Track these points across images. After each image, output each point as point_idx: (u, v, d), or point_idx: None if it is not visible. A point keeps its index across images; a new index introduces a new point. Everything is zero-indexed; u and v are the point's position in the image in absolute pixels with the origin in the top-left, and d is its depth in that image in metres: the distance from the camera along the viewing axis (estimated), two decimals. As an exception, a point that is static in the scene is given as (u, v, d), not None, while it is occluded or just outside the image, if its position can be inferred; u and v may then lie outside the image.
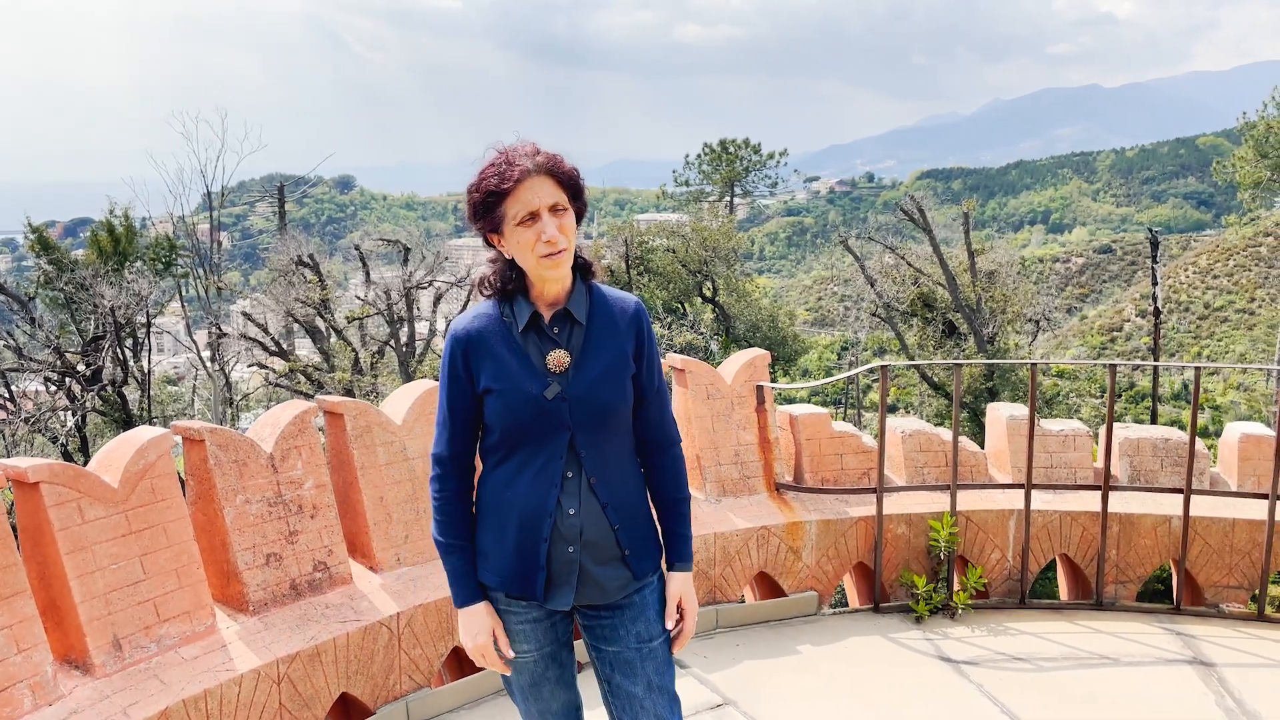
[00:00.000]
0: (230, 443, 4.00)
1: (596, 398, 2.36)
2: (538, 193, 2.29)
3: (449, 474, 2.48)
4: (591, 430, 2.37)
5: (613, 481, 2.42)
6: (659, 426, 2.53)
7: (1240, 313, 66.59)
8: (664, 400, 2.55)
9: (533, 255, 2.32)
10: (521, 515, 2.40)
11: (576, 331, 2.40)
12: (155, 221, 35.41)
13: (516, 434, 2.39)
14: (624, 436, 2.47)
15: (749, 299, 31.65)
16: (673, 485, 2.55)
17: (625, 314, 2.46)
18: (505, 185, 2.29)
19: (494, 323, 2.42)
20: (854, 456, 5.61)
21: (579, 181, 2.38)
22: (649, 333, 2.49)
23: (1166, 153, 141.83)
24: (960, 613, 5.32)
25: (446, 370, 2.46)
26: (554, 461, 2.37)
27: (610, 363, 2.39)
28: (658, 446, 2.54)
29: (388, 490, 4.48)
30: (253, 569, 4.00)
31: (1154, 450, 5.67)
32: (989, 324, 28.05)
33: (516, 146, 2.32)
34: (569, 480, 2.38)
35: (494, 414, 2.40)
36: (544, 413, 2.35)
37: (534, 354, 2.38)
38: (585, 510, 2.39)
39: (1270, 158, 37.91)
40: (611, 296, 2.48)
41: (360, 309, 24.84)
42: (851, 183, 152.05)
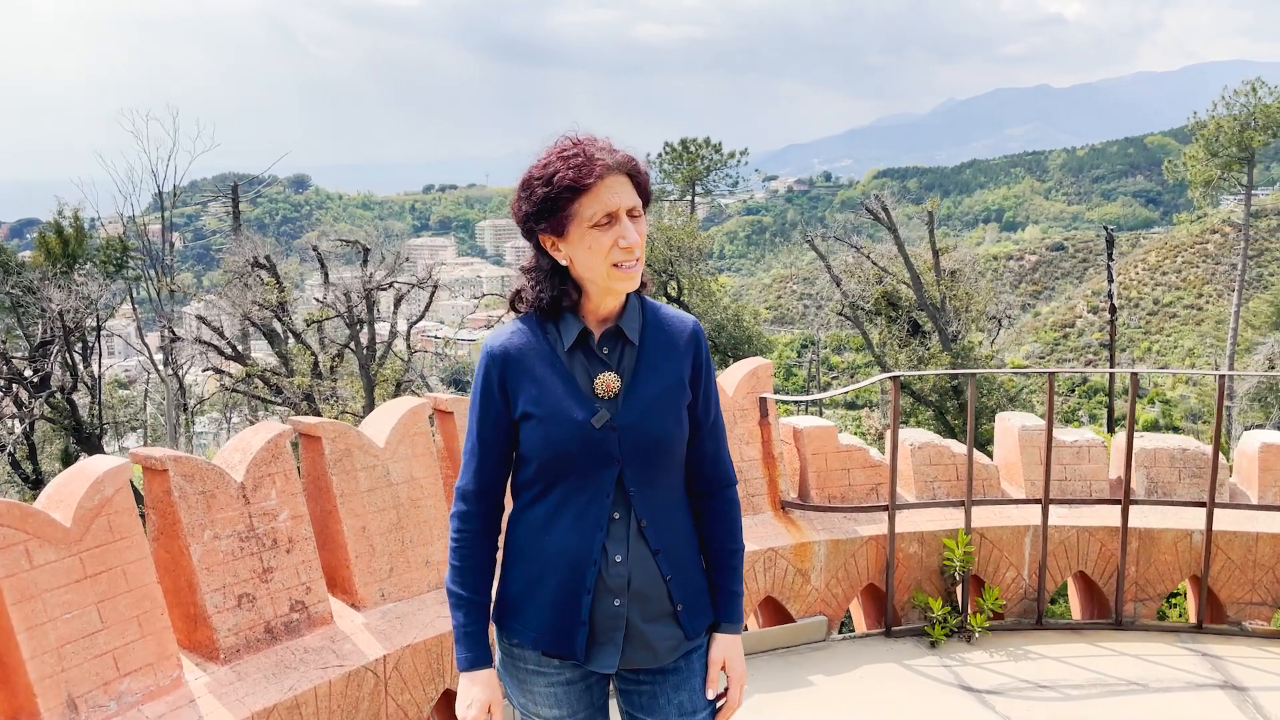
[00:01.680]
0: (196, 472, 3.59)
1: (649, 428, 2.07)
2: (619, 193, 2.00)
3: (473, 512, 2.16)
4: (643, 465, 2.07)
5: (664, 525, 2.12)
6: (715, 463, 2.23)
7: (1189, 308, 67.80)
8: (720, 434, 2.25)
9: (605, 263, 2.01)
10: (561, 561, 2.08)
11: (628, 352, 2.11)
12: (105, 222, 34.44)
13: (557, 467, 2.07)
14: (677, 474, 2.17)
15: (713, 298, 31.47)
16: (727, 533, 2.24)
17: (683, 334, 2.16)
18: (586, 180, 1.97)
19: (535, 339, 2.11)
20: (862, 471, 5.32)
21: (650, 190, 2.10)
22: (707, 357, 2.20)
23: (1115, 152, 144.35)
24: (977, 636, 5.05)
25: (480, 391, 2.14)
26: (599, 500, 2.07)
27: (665, 389, 2.10)
28: (713, 487, 2.24)
29: (370, 519, 4.09)
30: (223, 612, 3.60)
31: (1171, 461, 5.44)
32: (953, 322, 28.08)
33: (590, 138, 2.03)
34: (615, 522, 2.08)
35: (532, 443, 2.08)
36: (590, 443, 2.04)
37: (580, 376, 2.09)
38: (634, 557, 2.08)
39: (1220, 156, 38.53)
40: (667, 315, 2.18)
41: (319, 311, 24.22)
42: (809, 182, 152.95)
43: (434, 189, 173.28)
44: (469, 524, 2.15)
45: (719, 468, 2.24)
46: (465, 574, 2.15)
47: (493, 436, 2.13)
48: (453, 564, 2.16)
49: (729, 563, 2.23)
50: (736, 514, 2.25)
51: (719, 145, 52.92)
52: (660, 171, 53.52)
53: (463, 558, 2.15)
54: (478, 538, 2.16)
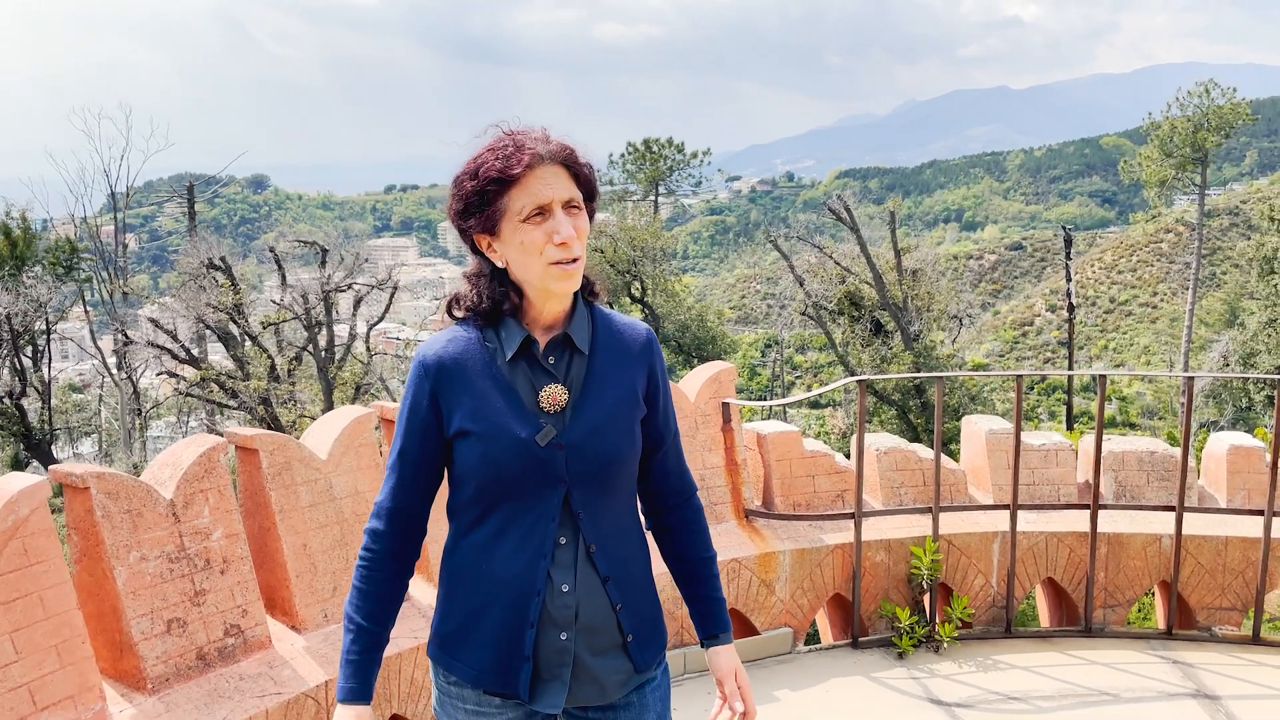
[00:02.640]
0: (121, 489, 3.36)
1: (600, 445, 1.90)
2: (551, 184, 1.83)
3: (386, 531, 1.96)
4: (592, 485, 1.91)
5: (614, 550, 1.95)
6: (679, 475, 2.13)
7: (1144, 306, 68.82)
8: (679, 447, 2.13)
9: (540, 261, 1.83)
10: (503, 592, 1.90)
11: (577, 363, 1.94)
12: (57, 223, 33.64)
13: (498, 489, 1.89)
14: (627, 494, 2.01)
15: (677, 298, 31.39)
16: (702, 543, 2.13)
17: (636, 343, 2.01)
18: (512, 171, 1.80)
19: (474, 348, 1.92)
20: (827, 478, 5.17)
21: (595, 182, 1.92)
22: (663, 367, 2.06)
23: (1072, 152, 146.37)
24: (945, 646, 4.92)
25: (409, 404, 1.95)
26: (544, 524, 1.89)
27: (618, 402, 1.94)
28: (678, 499, 2.13)
29: (312, 536, 3.88)
30: (150, 639, 3.37)
31: (1139, 464, 5.35)
32: (915, 321, 28.19)
33: (524, 129, 1.87)
34: (561, 548, 1.90)
35: (469, 463, 1.89)
36: (534, 463, 1.87)
37: (523, 389, 1.91)
38: (582, 586, 1.91)
39: (1174, 157, 39.12)
40: (619, 322, 2.02)
41: (276, 313, 23.76)
42: (772, 182, 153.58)
43: (395, 189, 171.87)
44: (379, 544, 1.96)
45: (684, 479, 2.14)
46: (365, 599, 1.95)
47: (418, 453, 1.95)
48: (355, 584, 1.97)
49: (708, 571, 2.13)
50: (705, 521, 2.16)
51: (681, 145, 52.89)
52: (623, 172, 53.39)
53: (366, 579, 1.96)
54: (387, 560, 1.96)
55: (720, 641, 2.11)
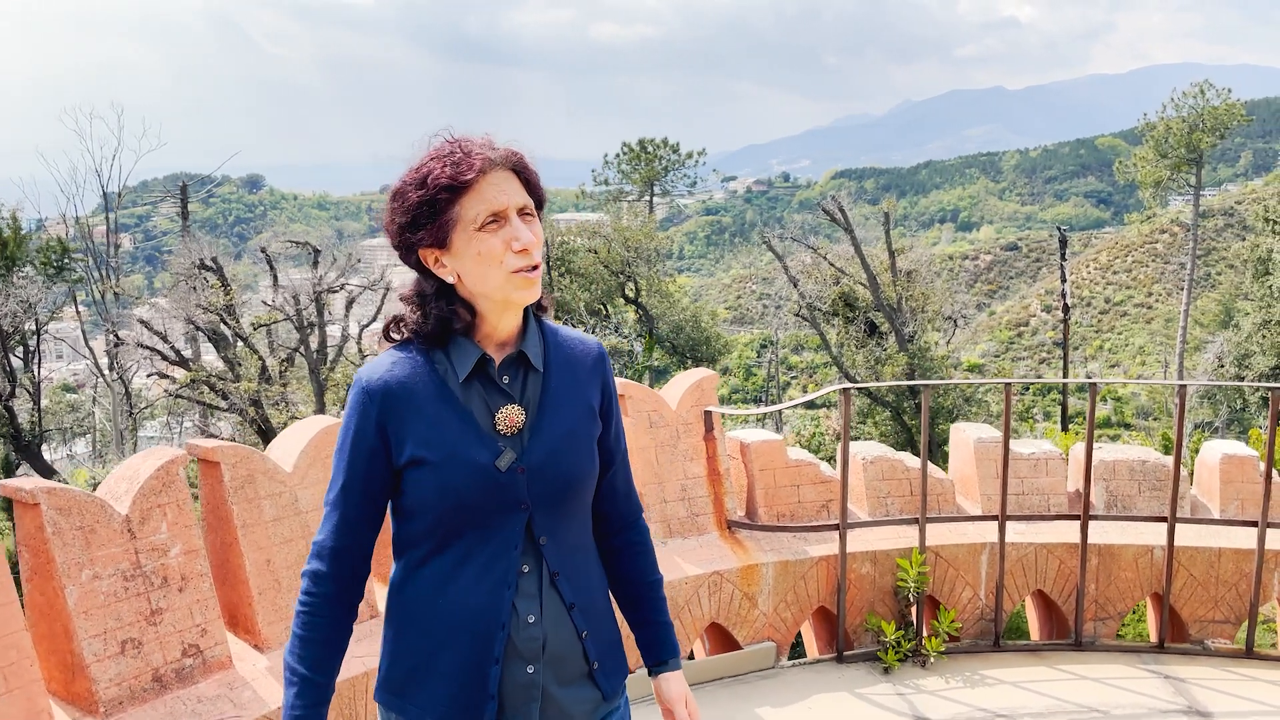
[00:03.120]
0: (73, 505, 3.23)
1: (562, 466, 1.81)
2: (505, 190, 1.74)
3: (329, 574, 1.81)
4: (554, 509, 1.81)
5: (577, 575, 1.86)
6: (626, 496, 2.04)
7: (1139, 307, 68.83)
8: (628, 466, 2.06)
9: (500, 270, 1.72)
10: (463, 628, 1.77)
11: (532, 381, 1.84)
12: (50, 223, 33.47)
13: (456, 519, 1.76)
14: (585, 516, 1.92)
15: (671, 299, 31.27)
16: (649, 565, 2.05)
17: (588, 357, 1.93)
18: (464, 177, 1.70)
19: (421, 371, 1.79)
20: (812, 488, 5.06)
21: (542, 189, 1.83)
22: (613, 383, 1.97)
23: (1068, 153, 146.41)
24: (932, 661, 4.81)
25: (352, 434, 1.79)
26: (506, 553, 1.78)
27: (576, 420, 1.86)
28: (626, 521, 2.03)
29: (276, 552, 3.75)
30: (103, 660, 3.24)
31: (1131, 473, 5.24)
32: (909, 323, 28.09)
33: (468, 136, 1.77)
34: (525, 576, 1.79)
35: (424, 493, 1.76)
36: (496, 489, 1.75)
37: (479, 411, 1.79)
38: (549, 616, 1.80)
39: (1169, 157, 39.07)
40: (568, 336, 1.93)
41: (267, 314, 23.62)
42: (768, 182, 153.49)
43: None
44: (322, 587, 1.81)
45: (631, 500, 2.05)
46: (307, 646, 1.80)
47: (364, 487, 1.81)
48: (295, 632, 1.81)
49: (656, 595, 2.05)
50: (651, 543, 2.09)
51: (676, 145, 52.79)
52: (618, 172, 53.30)
53: (307, 626, 1.80)
54: (330, 604, 1.81)
55: (670, 668, 2.02)
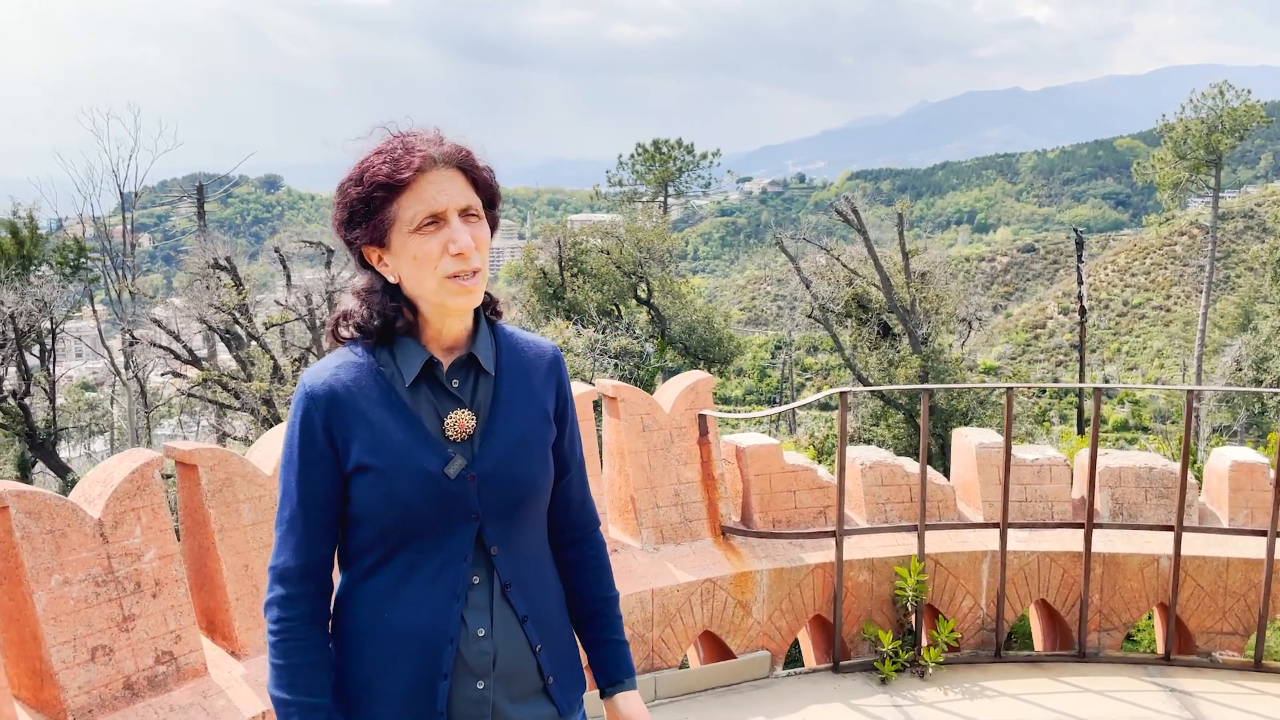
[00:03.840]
0: (43, 508, 3.17)
1: (514, 474, 1.74)
2: (445, 189, 1.64)
3: (298, 595, 1.71)
4: (506, 518, 1.74)
5: (531, 586, 1.79)
6: (581, 506, 1.95)
7: (1157, 309, 68.27)
8: (584, 475, 1.97)
9: (435, 274, 1.63)
10: (411, 642, 1.69)
11: (483, 385, 1.77)
12: (70, 223, 33.67)
13: (403, 529, 1.68)
14: (540, 525, 1.85)
15: (684, 300, 31.15)
16: (604, 581, 1.96)
17: (542, 360, 1.85)
18: (401, 175, 1.61)
19: (367, 374, 1.71)
20: (809, 493, 4.95)
21: (495, 187, 1.74)
22: (569, 388, 1.89)
23: (1086, 154, 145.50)
24: (931, 671, 4.70)
25: (298, 443, 1.70)
26: (455, 564, 1.70)
27: (529, 426, 1.79)
28: (581, 532, 1.95)
29: (255, 556, 3.68)
30: (73, 668, 3.17)
31: (1137, 480, 5.11)
32: (923, 324, 27.88)
33: (415, 130, 1.68)
34: (475, 588, 1.72)
35: (369, 502, 1.68)
36: (445, 498, 1.68)
37: (427, 416, 1.71)
38: (499, 629, 1.72)
39: (1188, 159, 38.69)
40: (522, 340, 1.86)
41: (280, 314, 23.66)
42: (783, 183, 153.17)
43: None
44: (293, 610, 1.71)
45: (587, 510, 1.96)
46: (295, 674, 1.70)
47: (320, 499, 1.70)
48: (274, 664, 1.71)
49: (611, 611, 1.95)
50: (607, 558, 1.99)
51: (691, 146, 52.69)
52: (632, 173, 53.25)
53: (289, 654, 1.70)
54: (306, 627, 1.72)
55: (625, 688, 1.93)
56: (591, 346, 22.54)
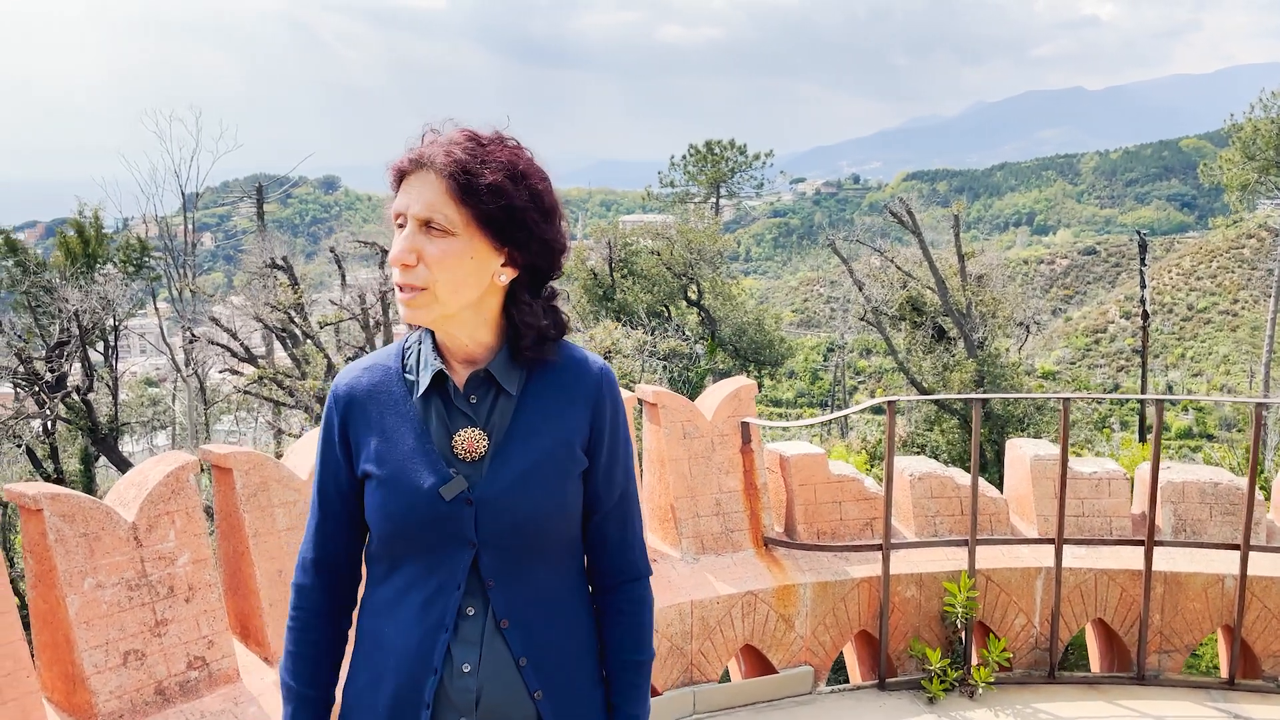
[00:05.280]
0: (77, 511, 3.16)
1: (517, 503, 1.60)
2: (413, 194, 1.55)
3: (313, 585, 1.73)
4: (507, 550, 1.61)
5: (537, 627, 1.64)
6: (621, 550, 1.75)
7: (1224, 314, 66.42)
8: (631, 514, 1.77)
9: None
10: (400, 662, 1.62)
11: (503, 404, 1.65)
12: (135, 223, 34.50)
13: (397, 545, 1.63)
14: (560, 562, 1.69)
15: (735, 301, 30.97)
16: (631, 640, 1.74)
17: (582, 382, 1.69)
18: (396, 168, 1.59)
19: (390, 379, 1.67)
20: (855, 505, 4.81)
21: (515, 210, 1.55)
22: (615, 412, 1.72)
23: (1149, 155, 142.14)
24: (980, 691, 4.53)
25: (321, 440, 1.72)
26: (447, 591, 1.61)
27: (546, 453, 1.64)
28: (614, 579, 1.76)
29: (288, 562, 3.65)
30: (104, 672, 3.16)
31: (1201, 496, 4.89)
32: (979, 328, 27.38)
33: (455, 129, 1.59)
34: (467, 620, 1.61)
35: (370, 511, 1.64)
36: (436, 519, 1.59)
37: (436, 430, 1.63)
38: (488, 667, 1.61)
39: (1257, 160, 37.50)
40: (567, 358, 1.70)
41: (334, 314, 23.95)
42: (837, 184, 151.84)
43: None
44: (306, 600, 1.73)
45: (627, 556, 1.76)
46: (299, 661, 1.72)
47: (334, 495, 1.70)
48: (286, 648, 1.74)
49: (631, 678, 1.74)
50: (646, 616, 1.77)
51: (743, 147, 52.44)
52: (684, 174, 53.09)
53: (297, 641, 1.72)
54: (316, 618, 1.73)
55: None
56: (640, 348, 22.46)
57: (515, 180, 1.55)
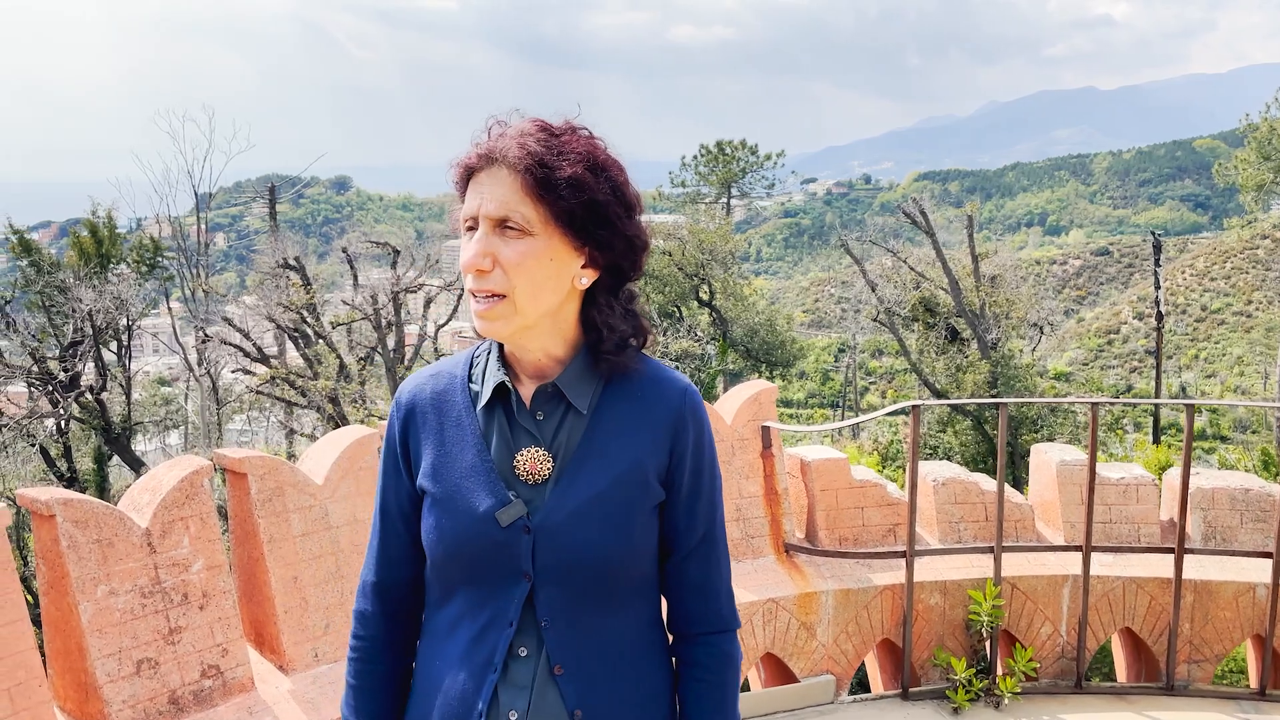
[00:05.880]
0: (90, 517, 3.11)
1: (579, 535, 1.43)
2: (485, 192, 1.39)
3: (375, 613, 1.59)
4: (566, 587, 1.45)
5: (598, 676, 1.47)
6: (701, 597, 1.55)
7: (1238, 315, 66.02)
8: (716, 555, 1.56)
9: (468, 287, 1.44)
10: (447, 699, 1.48)
11: (573, 423, 1.48)
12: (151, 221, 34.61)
13: (450, 570, 1.49)
14: (631, 607, 1.51)
15: (746, 302, 30.89)
16: (711, 701, 1.55)
17: (663, 403, 1.50)
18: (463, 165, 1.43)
19: (455, 388, 1.53)
20: (877, 510, 4.73)
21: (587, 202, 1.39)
22: (699, 439, 1.52)
23: (1163, 155, 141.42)
24: (1006, 702, 4.44)
25: (384, 452, 1.59)
26: (499, 627, 1.46)
27: (616, 481, 1.46)
28: (694, 631, 1.56)
29: (304, 568, 3.59)
30: (117, 681, 3.11)
31: (1232, 502, 4.79)
32: (993, 329, 27.21)
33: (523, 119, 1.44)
34: (519, 661, 1.45)
35: (425, 531, 1.51)
36: (489, 547, 1.44)
37: (498, 448, 1.48)
38: (537, 716, 1.45)
39: (1273, 160, 37.15)
40: (648, 377, 1.52)
41: (346, 314, 23.96)
42: (849, 184, 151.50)
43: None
44: (368, 629, 1.59)
45: (710, 604, 1.56)
46: (360, 695, 1.58)
47: (395, 513, 1.56)
48: (347, 681, 1.61)
49: None
50: (730, 675, 1.57)
51: (755, 147, 52.30)
52: (695, 174, 53.00)
53: (359, 674, 1.59)
54: (379, 649, 1.58)
55: None
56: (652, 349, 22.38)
57: (595, 172, 1.41)
